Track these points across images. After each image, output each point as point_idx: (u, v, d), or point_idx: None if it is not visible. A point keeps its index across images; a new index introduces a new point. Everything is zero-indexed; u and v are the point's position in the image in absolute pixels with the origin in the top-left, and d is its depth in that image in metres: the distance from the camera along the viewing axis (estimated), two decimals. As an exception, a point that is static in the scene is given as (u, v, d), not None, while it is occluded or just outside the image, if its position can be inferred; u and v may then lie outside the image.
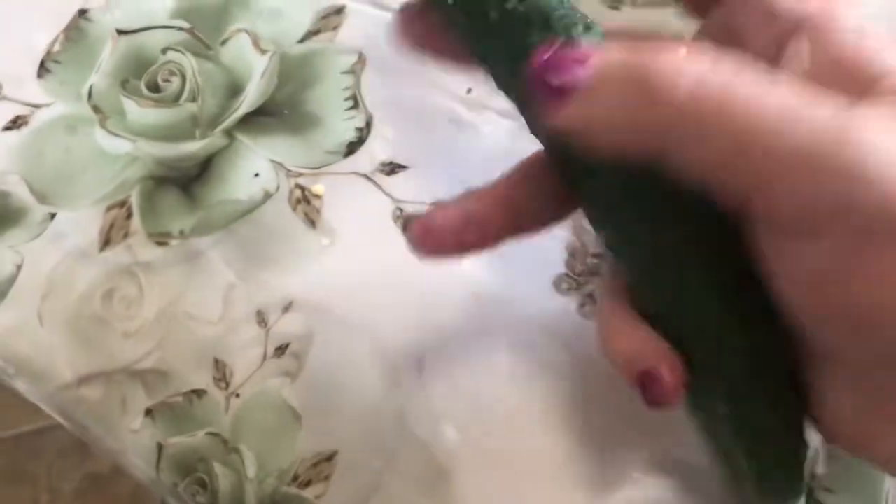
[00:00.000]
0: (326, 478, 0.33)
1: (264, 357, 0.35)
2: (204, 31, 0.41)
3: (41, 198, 0.38)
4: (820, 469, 0.32)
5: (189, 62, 0.40)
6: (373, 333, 0.35)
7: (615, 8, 0.40)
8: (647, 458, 0.33)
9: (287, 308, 0.36)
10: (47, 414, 0.35)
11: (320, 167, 0.38)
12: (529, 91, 0.23)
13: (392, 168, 0.37)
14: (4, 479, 1.13)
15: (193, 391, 0.35)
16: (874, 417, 0.23)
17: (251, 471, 0.34)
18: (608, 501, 0.33)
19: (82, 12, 0.41)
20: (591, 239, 0.35)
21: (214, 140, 0.39)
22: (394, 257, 0.34)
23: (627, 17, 0.40)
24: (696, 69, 0.21)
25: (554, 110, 0.22)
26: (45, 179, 0.38)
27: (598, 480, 0.33)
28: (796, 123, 0.20)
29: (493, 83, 0.27)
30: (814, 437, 0.32)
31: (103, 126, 0.39)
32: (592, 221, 0.27)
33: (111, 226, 0.37)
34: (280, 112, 0.39)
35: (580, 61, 0.22)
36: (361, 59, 0.40)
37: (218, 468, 0.34)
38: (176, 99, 0.39)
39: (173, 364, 0.35)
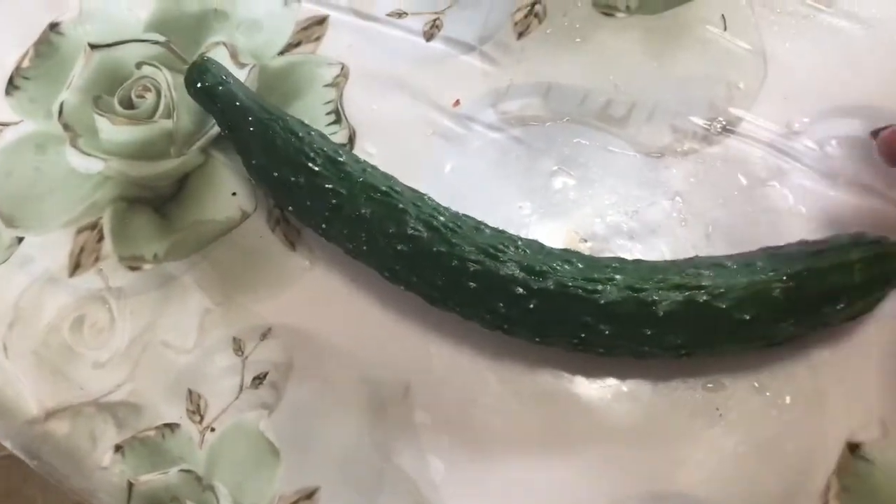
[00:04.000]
0: (307, 516, 0.31)
1: (241, 387, 0.33)
2: (180, 45, 0.39)
3: (8, 221, 0.36)
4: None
5: (164, 77, 0.38)
6: (355, 360, 0.33)
7: (609, 14, 0.38)
8: (646, 491, 0.31)
9: (265, 335, 0.34)
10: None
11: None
12: None
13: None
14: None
15: (166, 425, 0.33)
16: None
17: (227, 509, 0.32)
18: (607, 538, 0.31)
19: (53, 25, 0.39)
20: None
21: (190, 158, 0.37)
22: (376, 280, 0.33)
23: (621, 23, 0.38)
24: None
25: None
26: (12, 201, 0.37)
27: (595, 515, 0.31)
28: None
29: None
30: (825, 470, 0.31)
31: (74, 145, 0.37)
32: None
33: (81, 249, 0.36)
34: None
35: None
36: (344, 72, 0.38)
37: (192, 507, 0.32)
38: (150, 115, 0.38)
39: (146, 396, 0.33)
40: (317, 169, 0.32)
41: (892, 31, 0.37)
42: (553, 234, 0.34)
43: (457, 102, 0.37)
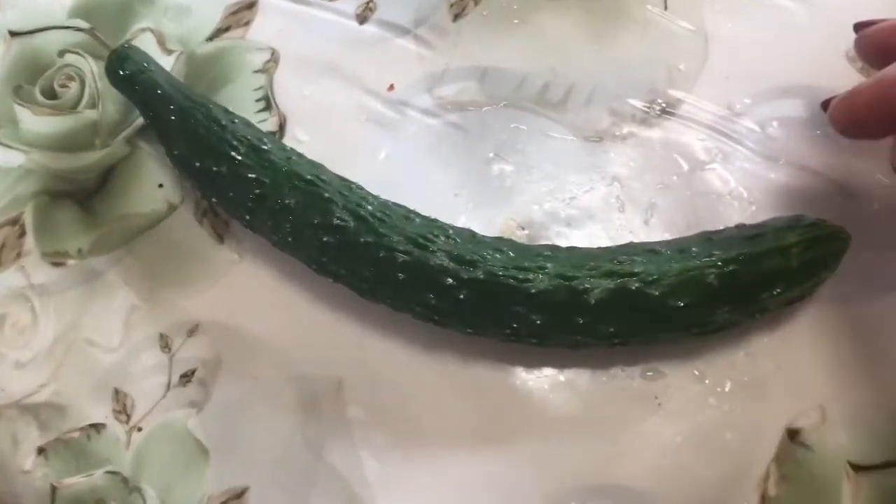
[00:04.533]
0: (236, 517, 0.30)
1: (168, 386, 0.32)
2: (105, 31, 0.38)
3: (-75, 217, 0.35)
4: (772, 491, 0.30)
5: (88, 65, 0.37)
6: (286, 355, 0.32)
7: (549, -5, 0.37)
8: (585, 484, 0.30)
9: (193, 331, 0.33)
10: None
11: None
12: None
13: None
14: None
15: (92, 426, 0.32)
16: None
17: (154, 512, 0.31)
18: (546, 531, 0.30)
19: (-29, 14, 0.38)
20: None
21: (115, 149, 0.36)
22: (306, 272, 0.32)
23: (560, 4, 0.37)
24: None
25: None
26: (-71, 197, 0.35)
27: (533, 509, 0.30)
28: None
29: None
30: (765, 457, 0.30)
31: (-6, 137, 0.36)
32: None
33: (2, 246, 0.34)
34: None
35: None
36: (274, 57, 0.37)
37: (118, 510, 0.31)
38: (74, 106, 0.36)
39: (70, 396, 0.32)
40: (239, 158, 0.31)
41: (833, 10, 0.36)
42: (490, 223, 0.34)
43: (391, 87, 0.36)
